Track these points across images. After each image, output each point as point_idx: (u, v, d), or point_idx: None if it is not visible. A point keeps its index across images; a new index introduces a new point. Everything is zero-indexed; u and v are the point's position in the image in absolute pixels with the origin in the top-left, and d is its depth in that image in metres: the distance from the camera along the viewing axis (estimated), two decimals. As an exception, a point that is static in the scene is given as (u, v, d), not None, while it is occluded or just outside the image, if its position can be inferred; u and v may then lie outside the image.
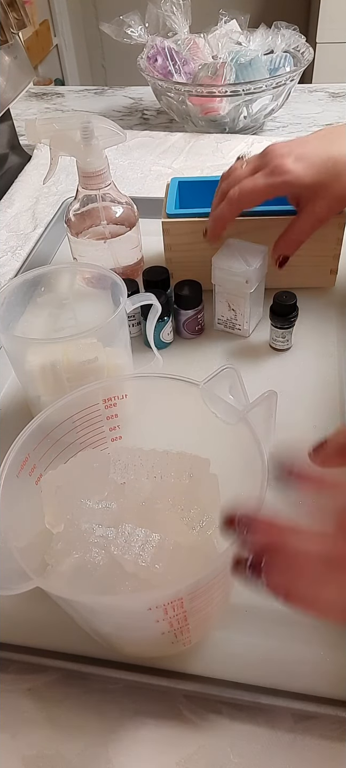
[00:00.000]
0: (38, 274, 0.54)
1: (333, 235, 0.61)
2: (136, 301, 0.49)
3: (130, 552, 0.34)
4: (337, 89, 1.21)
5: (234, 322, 0.61)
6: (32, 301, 0.53)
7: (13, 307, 0.51)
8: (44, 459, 0.40)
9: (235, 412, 0.37)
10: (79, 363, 0.47)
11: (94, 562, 0.34)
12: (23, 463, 0.38)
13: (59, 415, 0.40)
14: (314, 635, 0.38)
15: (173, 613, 0.31)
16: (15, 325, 0.51)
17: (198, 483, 0.39)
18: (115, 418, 0.44)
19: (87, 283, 0.69)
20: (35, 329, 0.54)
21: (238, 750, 0.34)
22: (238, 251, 0.57)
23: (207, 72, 0.94)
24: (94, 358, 0.47)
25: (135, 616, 0.33)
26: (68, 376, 0.48)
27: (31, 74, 0.96)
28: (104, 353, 0.48)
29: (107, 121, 0.62)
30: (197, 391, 0.39)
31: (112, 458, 0.40)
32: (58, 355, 0.48)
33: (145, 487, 0.39)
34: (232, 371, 0.39)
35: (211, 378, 0.39)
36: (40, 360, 0.48)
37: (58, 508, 0.38)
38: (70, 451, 0.41)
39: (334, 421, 0.51)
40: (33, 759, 0.35)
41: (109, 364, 0.49)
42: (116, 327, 0.49)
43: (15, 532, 0.33)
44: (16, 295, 0.51)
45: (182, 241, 0.63)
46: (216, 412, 0.39)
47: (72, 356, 0.47)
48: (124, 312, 0.48)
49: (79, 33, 2.81)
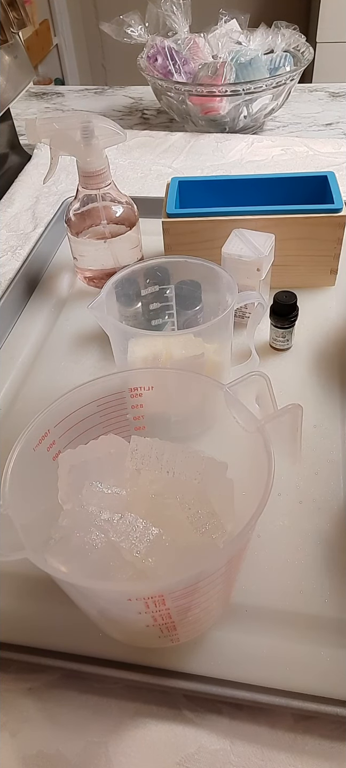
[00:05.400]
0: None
1: (333, 235, 0.61)
2: (244, 299, 0.49)
3: (127, 541, 0.34)
4: (337, 89, 1.21)
5: (244, 311, 0.60)
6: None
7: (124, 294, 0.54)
8: (65, 437, 0.40)
9: (255, 421, 0.36)
10: (185, 358, 0.47)
11: (92, 544, 0.35)
12: (42, 437, 0.38)
13: (84, 396, 0.41)
14: (314, 635, 0.38)
15: (155, 608, 0.31)
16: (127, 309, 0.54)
17: (211, 485, 0.39)
18: (140, 408, 0.44)
19: (88, 283, 0.70)
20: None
21: (238, 750, 0.34)
22: (247, 239, 0.57)
23: (207, 71, 0.94)
24: (201, 354, 0.47)
25: (117, 605, 0.33)
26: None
27: (31, 74, 0.96)
28: (206, 350, 0.48)
29: (107, 121, 0.62)
30: (222, 393, 0.39)
31: (131, 447, 0.40)
32: (160, 348, 0.48)
33: (157, 480, 0.39)
34: (261, 378, 0.38)
35: (237, 382, 0.38)
36: (142, 352, 0.49)
37: (70, 487, 0.38)
38: (92, 434, 0.41)
39: (334, 422, 0.51)
40: (33, 759, 0.35)
41: (210, 361, 0.49)
42: (222, 325, 0.48)
43: (23, 502, 0.34)
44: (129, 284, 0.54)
45: (182, 241, 0.62)
46: (237, 417, 0.38)
47: (176, 351, 0.48)
48: (232, 311, 0.48)
49: (79, 33, 2.81)
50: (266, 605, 0.40)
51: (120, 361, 0.52)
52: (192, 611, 0.34)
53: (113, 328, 0.49)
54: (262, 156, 0.95)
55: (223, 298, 0.51)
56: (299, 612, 0.39)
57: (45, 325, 0.65)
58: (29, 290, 0.69)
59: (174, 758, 0.34)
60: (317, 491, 0.46)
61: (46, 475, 0.39)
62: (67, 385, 0.40)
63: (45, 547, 0.35)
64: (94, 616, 0.37)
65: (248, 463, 0.37)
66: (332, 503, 0.45)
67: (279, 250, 0.60)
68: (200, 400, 0.42)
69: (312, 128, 1.08)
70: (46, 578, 0.32)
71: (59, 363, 0.60)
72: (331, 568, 0.41)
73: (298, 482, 0.47)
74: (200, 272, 0.54)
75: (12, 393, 0.57)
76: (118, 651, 0.37)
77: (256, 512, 0.31)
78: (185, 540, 0.36)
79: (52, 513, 0.38)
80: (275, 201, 0.63)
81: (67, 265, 0.72)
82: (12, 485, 0.34)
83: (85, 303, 0.62)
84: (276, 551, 0.42)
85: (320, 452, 0.49)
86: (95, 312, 0.48)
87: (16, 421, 0.54)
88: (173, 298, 0.57)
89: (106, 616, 0.36)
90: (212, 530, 0.37)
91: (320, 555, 0.42)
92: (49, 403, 0.39)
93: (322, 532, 0.43)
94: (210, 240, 0.61)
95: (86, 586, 0.32)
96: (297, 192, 0.65)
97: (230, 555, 0.32)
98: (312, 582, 0.41)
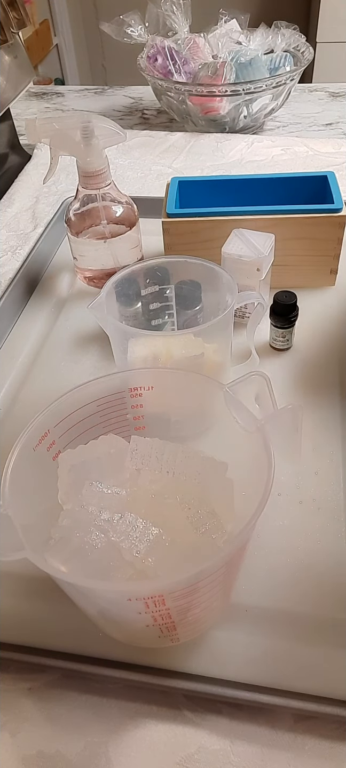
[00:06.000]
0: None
1: (333, 235, 0.61)
2: (244, 299, 0.49)
3: (127, 541, 0.34)
4: (337, 89, 1.21)
5: (244, 311, 0.60)
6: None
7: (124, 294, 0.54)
8: (65, 437, 0.40)
9: (254, 421, 0.36)
10: (186, 358, 0.47)
11: (92, 544, 0.35)
12: (42, 437, 0.38)
13: (84, 396, 0.41)
14: (314, 635, 0.38)
15: (155, 608, 0.31)
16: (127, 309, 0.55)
17: (211, 485, 0.39)
18: (140, 408, 0.44)
19: (88, 283, 0.70)
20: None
21: (238, 750, 0.34)
22: (247, 239, 0.57)
23: (207, 71, 0.94)
24: (201, 354, 0.47)
25: (117, 605, 0.33)
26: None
27: (31, 74, 0.96)
28: (205, 350, 0.48)
29: (107, 121, 0.62)
30: (221, 393, 0.39)
31: (130, 447, 0.40)
32: (160, 348, 0.48)
33: (157, 480, 0.39)
34: (261, 378, 0.38)
35: (237, 382, 0.38)
36: (142, 352, 0.49)
37: (70, 487, 0.38)
38: (92, 434, 0.41)
39: (334, 422, 0.51)
40: (33, 759, 0.35)
41: (210, 361, 0.49)
42: (222, 325, 0.48)
43: (23, 502, 0.34)
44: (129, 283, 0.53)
45: (182, 241, 0.62)
46: (237, 417, 0.38)
47: (176, 351, 0.48)
48: (232, 311, 0.48)
49: (79, 33, 2.81)
50: (266, 605, 0.40)
51: (120, 361, 0.52)
52: (192, 611, 0.34)
53: (113, 328, 0.49)
54: (262, 156, 0.95)
55: (223, 298, 0.51)
56: (299, 612, 0.39)
57: (45, 325, 0.65)
58: (29, 290, 0.69)
59: (174, 758, 0.34)
60: (317, 491, 0.46)
61: (46, 475, 0.39)
62: (67, 385, 0.40)
63: (45, 547, 0.35)
64: (94, 616, 0.37)
65: (248, 463, 0.36)
66: (332, 503, 0.45)
67: (279, 250, 0.60)
68: (200, 400, 0.42)
69: (312, 128, 1.08)
70: (46, 578, 0.32)
71: (59, 363, 0.60)
72: (331, 568, 0.41)
73: (298, 482, 0.47)
74: (200, 272, 0.54)
75: (12, 393, 0.57)
76: (118, 651, 0.37)
77: (256, 512, 0.31)
78: (185, 540, 0.36)
79: (52, 513, 0.38)
80: (275, 201, 0.63)
81: (67, 265, 0.72)
82: (12, 485, 0.34)
83: (85, 303, 0.62)
84: (276, 551, 0.42)
85: (320, 452, 0.49)
86: (95, 312, 0.48)
87: (16, 421, 0.54)
88: (172, 298, 0.57)
89: (106, 616, 0.36)
90: (212, 530, 0.37)
91: (320, 555, 0.42)
92: (49, 403, 0.39)
93: (322, 532, 0.43)
94: (210, 240, 0.61)
95: (86, 586, 0.32)
96: (297, 192, 0.65)
97: (230, 555, 0.32)
98: (312, 582, 0.41)
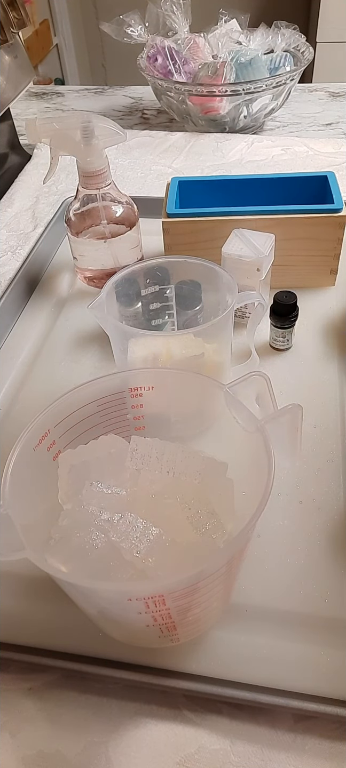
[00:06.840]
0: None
1: (333, 235, 0.61)
2: (244, 299, 0.49)
3: (127, 541, 0.34)
4: (337, 89, 1.21)
5: (244, 311, 0.60)
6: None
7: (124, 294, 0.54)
8: (65, 437, 0.40)
9: (254, 421, 0.36)
10: (186, 358, 0.47)
11: (92, 544, 0.35)
12: (42, 437, 0.38)
13: (84, 396, 0.41)
14: (314, 635, 0.38)
15: (156, 608, 0.31)
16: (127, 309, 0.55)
17: (211, 485, 0.39)
18: (140, 408, 0.44)
19: (88, 283, 0.70)
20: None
21: (238, 750, 0.34)
22: (247, 239, 0.57)
23: (207, 71, 0.94)
24: (201, 354, 0.47)
25: (117, 605, 0.33)
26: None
27: (31, 74, 0.96)
28: (205, 350, 0.49)
29: (107, 121, 0.62)
30: (221, 393, 0.39)
31: (131, 447, 0.40)
32: (160, 348, 0.48)
33: (157, 480, 0.39)
34: (261, 378, 0.38)
35: (237, 382, 0.38)
36: (142, 352, 0.49)
37: (70, 487, 0.38)
38: (92, 434, 0.41)
39: (334, 421, 0.51)
40: (33, 759, 0.35)
41: (210, 361, 0.49)
42: (222, 325, 0.48)
43: (23, 502, 0.34)
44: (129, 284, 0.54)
45: (182, 241, 0.62)
46: (237, 417, 0.38)
47: (176, 351, 0.48)
48: (232, 311, 0.48)
49: (79, 32, 2.81)
50: (266, 605, 0.40)
51: (120, 361, 0.52)
52: (192, 611, 0.34)
53: (113, 328, 0.49)
54: (262, 156, 0.95)
55: (223, 298, 0.51)
56: (299, 612, 0.39)
57: (45, 325, 0.65)
58: (29, 290, 0.69)
59: (174, 758, 0.34)
60: (317, 491, 0.46)
61: (46, 475, 0.39)
62: (67, 385, 0.40)
63: (45, 547, 0.35)
64: (94, 616, 0.37)
65: (248, 463, 0.36)
66: (332, 503, 0.45)
67: (279, 250, 0.60)
68: (200, 400, 0.42)
69: (312, 128, 1.08)
70: (46, 578, 0.32)
71: (59, 363, 0.60)
72: (331, 568, 0.41)
73: (298, 482, 0.47)
74: (200, 272, 0.54)
75: (12, 393, 0.57)
76: (118, 651, 0.37)
77: (256, 512, 0.31)
78: (185, 540, 0.36)
79: (52, 513, 0.38)
80: (275, 201, 0.63)
81: (67, 265, 0.72)
82: (12, 485, 0.34)
83: (85, 303, 0.62)
84: (276, 551, 0.42)
85: (320, 452, 0.49)
86: (95, 312, 0.48)
87: (16, 421, 0.54)
88: (172, 298, 0.57)
89: (106, 616, 0.36)
90: (212, 530, 0.37)
91: (320, 555, 0.42)
92: (49, 403, 0.39)
93: (322, 532, 0.43)
94: (210, 240, 0.61)
95: (86, 586, 0.32)
96: (297, 192, 0.65)
97: (230, 555, 0.32)
98: (312, 582, 0.41)
